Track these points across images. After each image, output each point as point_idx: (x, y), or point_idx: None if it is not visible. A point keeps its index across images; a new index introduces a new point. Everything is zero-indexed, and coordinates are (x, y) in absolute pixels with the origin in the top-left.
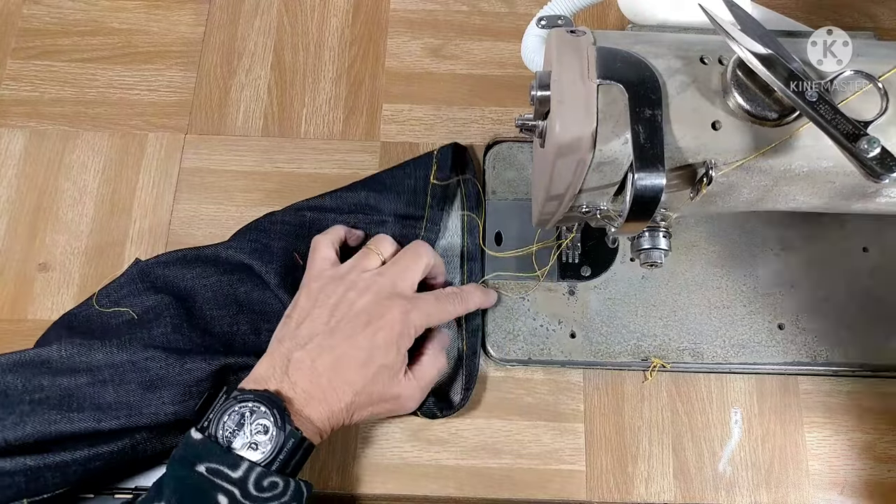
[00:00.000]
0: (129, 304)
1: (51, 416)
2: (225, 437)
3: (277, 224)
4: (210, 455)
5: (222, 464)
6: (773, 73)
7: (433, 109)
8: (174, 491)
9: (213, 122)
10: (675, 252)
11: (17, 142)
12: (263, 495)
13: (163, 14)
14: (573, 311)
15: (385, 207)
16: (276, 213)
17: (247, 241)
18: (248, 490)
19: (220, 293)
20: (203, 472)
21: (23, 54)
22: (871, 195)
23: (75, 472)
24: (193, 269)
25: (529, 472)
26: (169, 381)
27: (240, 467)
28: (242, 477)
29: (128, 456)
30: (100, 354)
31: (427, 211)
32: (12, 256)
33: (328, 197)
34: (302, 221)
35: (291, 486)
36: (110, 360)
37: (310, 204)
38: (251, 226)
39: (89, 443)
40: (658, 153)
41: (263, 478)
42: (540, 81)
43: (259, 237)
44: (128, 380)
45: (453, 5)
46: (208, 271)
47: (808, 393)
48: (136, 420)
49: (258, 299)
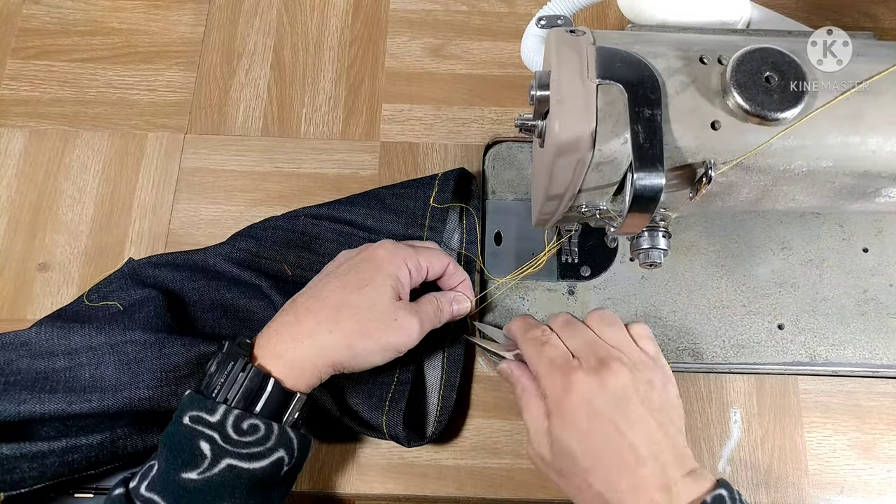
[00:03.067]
0: (116, 297)
1: (21, 395)
2: (206, 386)
3: (270, 230)
4: (192, 404)
5: (202, 410)
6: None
7: (433, 109)
8: (164, 444)
9: (212, 121)
10: (675, 252)
11: (16, 142)
12: (244, 439)
13: (163, 14)
14: (573, 312)
15: (383, 228)
16: (273, 218)
17: (236, 249)
18: (228, 433)
19: (206, 297)
20: (187, 421)
21: (23, 54)
22: (870, 195)
23: (52, 465)
24: (182, 272)
25: (529, 472)
26: (146, 366)
27: (217, 411)
28: (220, 420)
29: (107, 451)
30: (78, 337)
31: (425, 232)
32: (12, 256)
33: (326, 206)
34: (295, 227)
35: (275, 431)
36: (88, 343)
37: (307, 210)
38: (245, 232)
39: (65, 431)
40: (657, 153)
41: (241, 420)
42: (539, 81)
43: (250, 246)
44: (104, 362)
45: (453, 5)
46: (197, 275)
47: (807, 393)
48: (108, 403)
49: (244, 307)
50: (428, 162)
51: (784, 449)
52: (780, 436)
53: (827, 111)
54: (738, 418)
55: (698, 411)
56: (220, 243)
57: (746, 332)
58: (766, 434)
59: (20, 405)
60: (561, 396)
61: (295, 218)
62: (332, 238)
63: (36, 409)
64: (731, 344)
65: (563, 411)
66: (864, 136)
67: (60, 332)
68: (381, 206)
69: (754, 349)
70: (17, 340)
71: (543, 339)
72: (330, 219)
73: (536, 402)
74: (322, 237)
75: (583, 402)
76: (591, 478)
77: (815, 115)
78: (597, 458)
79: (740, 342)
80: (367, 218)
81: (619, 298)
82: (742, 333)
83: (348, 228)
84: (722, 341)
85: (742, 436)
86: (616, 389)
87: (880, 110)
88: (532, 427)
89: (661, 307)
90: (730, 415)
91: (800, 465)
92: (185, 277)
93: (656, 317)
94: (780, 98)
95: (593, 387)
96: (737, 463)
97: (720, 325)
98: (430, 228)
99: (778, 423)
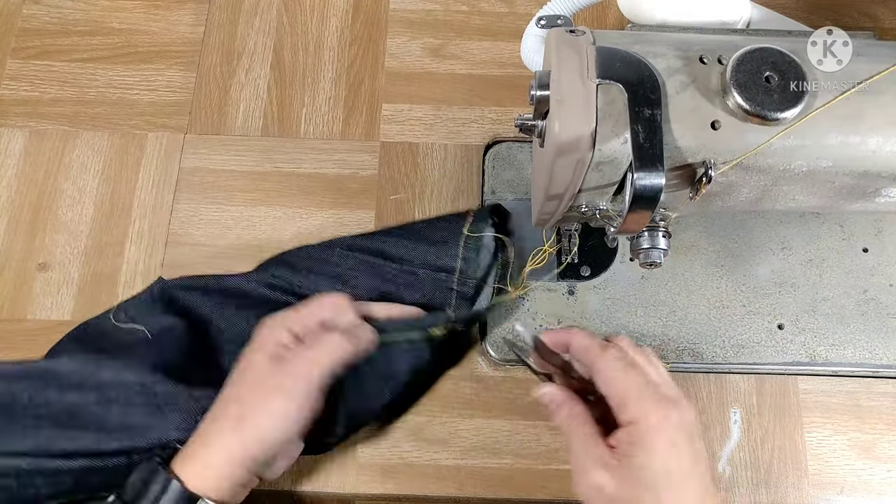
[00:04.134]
0: (144, 322)
1: (52, 433)
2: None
3: (304, 258)
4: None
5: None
6: None
7: (433, 109)
8: None
9: (212, 121)
10: (675, 252)
11: (16, 142)
12: None
13: (162, 14)
14: (573, 312)
15: (416, 258)
16: (307, 247)
17: (271, 276)
18: None
19: (236, 326)
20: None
21: (23, 54)
22: (870, 195)
23: (67, 483)
24: (213, 298)
25: (529, 472)
26: (176, 408)
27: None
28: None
29: (123, 473)
30: (109, 373)
31: (459, 263)
32: (12, 256)
33: (360, 237)
34: (329, 257)
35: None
36: (118, 379)
37: (342, 241)
38: (279, 259)
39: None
40: (657, 153)
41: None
42: (539, 81)
43: (286, 273)
44: (134, 401)
45: (453, 5)
46: (228, 302)
47: (807, 393)
48: (137, 442)
49: None
50: (428, 162)
51: (784, 449)
52: (780, 436)
53: (827, 111)
54: (738, 418)
55: (698, 411)
56: (254, 269)
57: (746, 332)
58: (766, 434)
59: (51, 443)
60: (654, 425)
61: (329, 248)
62: (364, 270)
63: (67, 447)
64: (731, 344)
65: (652, 439)
66: (864, 136)
67: (89, 365)
68: (415, 236)
69: (754, 349)
70: (47, 371)
71: (628, 360)
72: (363, 250)
73: (593, 430)
74: (356, 269)
75: (673, 432)
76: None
77: (815, 115)
78: (673, 490)
79: (740, 342)
80: (399, 248)
81: (619, 298)
82: (742, 333)
83: (380, 261)
84: (722, 341)
85: (742, 436)
86: (690, 421)
87: (880, 110)
88: (589, 456)
89: (661, 307)
90: (730, 415)
91: (800, 465)
92: (214, 304)
93: (656, 317)
94: (780, 98)
95: (679, 417)
96: (737, 463)
97: (720, 325)
98: (464, 259)
99: (778, 423)
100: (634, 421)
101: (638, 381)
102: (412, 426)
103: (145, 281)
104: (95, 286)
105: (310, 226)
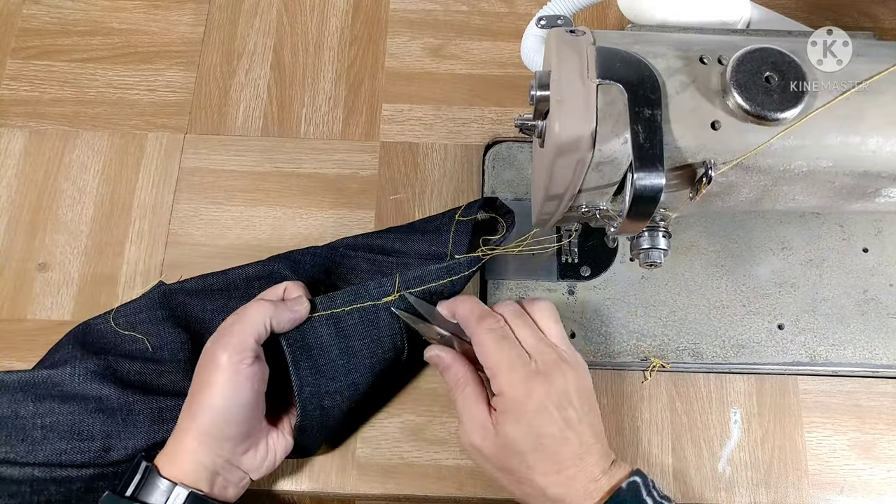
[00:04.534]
0: (144, 330)
1: (61, 445)
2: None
3: (309, 256)
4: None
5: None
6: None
7: (433, 109)
8: None
9: (212, 121)
10: (675, 252)
11: (16, 142)
12: None
13: (162, 14)
14: (573, 311)
15: (410, 248)
16: (313, 247)
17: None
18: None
19: None
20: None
21: (23, 54)
22: (870, 195)
23: (78, 490)
24: (215, 302)
25: None
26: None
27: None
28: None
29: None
30: (112, 390)
31: (450, 248)
32: (12, 256)
33: (363, 236)
34: (333, 257)
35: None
36: (122, 396)
37: (345, 241)
38: (283, 255)
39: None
40: (657, 153)
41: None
42: (539, 81)
43: (285, 266)
44: (138, 411)
45: (453, 5)
46: (231, 305)
47: (807, 393)
48: (142, 446)
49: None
50: (428, 162)
51: (784, 449)
52: (780, 436)
53: (827, 111)
54: (738, 418)
55: (698, 411)
56: (258, 261)
57: (746, 332)
58: (766, 434)
59: (61, 456)
60: (521, 398)
61: (334, 249)
62: (366, 269)
63: (76, 459)
64: (731, 344)
65: (519, 411)
66: (864, 136)
67: (92, 377)
68: (410, 229)
69: (754, 349)
70: (49, 380)
71: (501, 332)
72: (365, 248)
73: (474, 392)
74: (358, 268)
75: (539, 404)
76: (534, 473)
77: (815, 115)
78: (543, 454)
79: (740, 342)
80: (395, 241)
81: (619, 298)
82: (742, 333)
83: (380, 257)
84: (722, 341)
85: (742, 436)
86: (562, 389)
87: (880, 110)
88: (469, 418)
89: (661, 307)
90: (730, 415)
91: (800, 465)
92: (216, 308)
93: (656, 317)
94: (780, 98)
95: (546, 388)
96: (737, 463)
97: (720, 325)
98: (454, 243)
99: (778, 423)
100: (501, 393)
101: (509, 354)
102: (412, 426)
103: (145, 281)
104: (95, 286)
105: (310, 226)
